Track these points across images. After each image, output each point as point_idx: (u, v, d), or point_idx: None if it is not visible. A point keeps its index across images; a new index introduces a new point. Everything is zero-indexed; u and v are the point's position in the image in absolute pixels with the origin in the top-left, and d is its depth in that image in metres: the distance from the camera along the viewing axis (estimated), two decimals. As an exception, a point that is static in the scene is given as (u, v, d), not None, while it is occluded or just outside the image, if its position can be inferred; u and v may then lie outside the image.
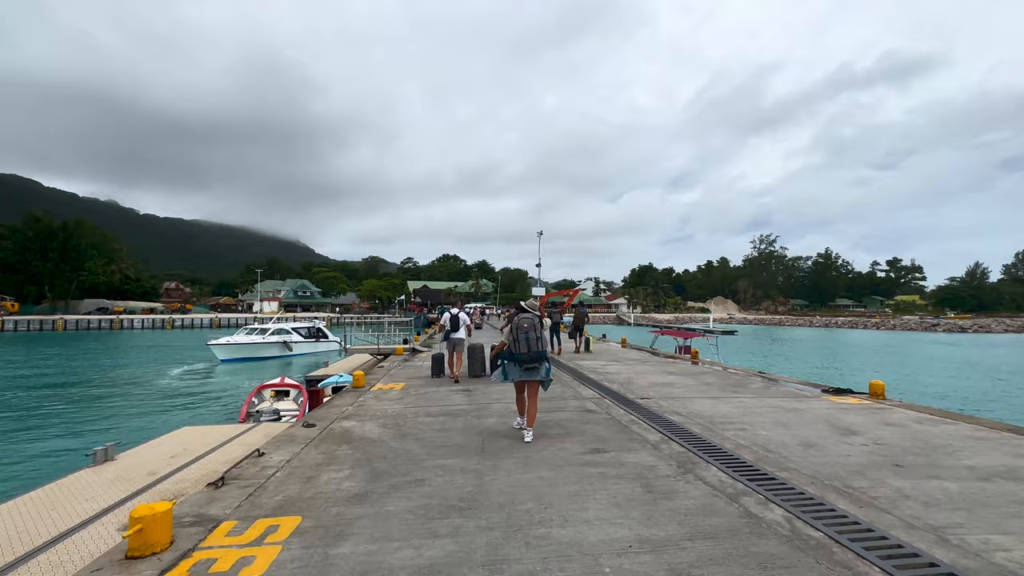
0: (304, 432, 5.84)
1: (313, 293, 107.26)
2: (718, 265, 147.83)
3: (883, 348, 41.59)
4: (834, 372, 24.02)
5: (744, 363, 25.31)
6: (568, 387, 8.94)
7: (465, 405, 7.31)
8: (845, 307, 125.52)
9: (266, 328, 29.80)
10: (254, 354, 27.71)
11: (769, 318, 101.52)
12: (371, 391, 8.65)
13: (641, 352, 16.65)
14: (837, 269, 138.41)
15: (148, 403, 15.44)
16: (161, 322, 64.53)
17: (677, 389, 8.71)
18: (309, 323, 33.22)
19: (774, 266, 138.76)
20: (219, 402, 15.80)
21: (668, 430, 5.68)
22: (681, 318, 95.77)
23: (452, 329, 10.55)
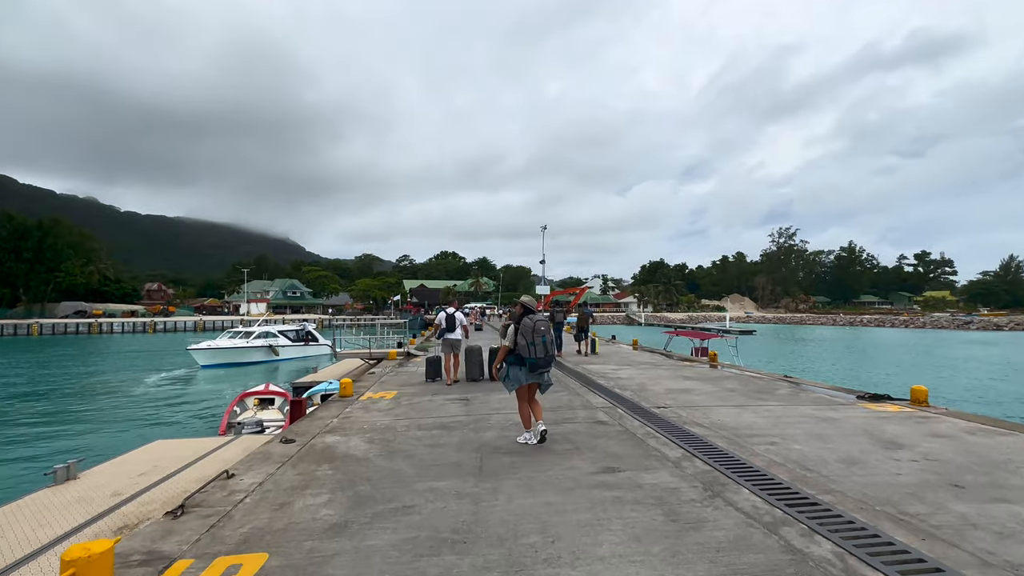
0: (281, 449, 5.54)
1: (303, 293, 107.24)
2: (734, 260, 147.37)
3: (914, 348, 41.14)
4: (864, 375, 23.62)
5: (764, 365, 24.98)
6: (576, 395, 8.63)
7: (462, 416, 7.00)
8: (870, 304, 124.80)
9: (251, 331, 29.60)
10: (237, 359, 27.51)
11: (789, 316, 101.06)
12: (359, 401, 8.35)
13: (654, 355, 16.34)
14: (861, 263, 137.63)
15: (120, 414, 15.22)
16: (143, 325, 64.54)
17: (696, 396, 8.38)
18: (297, 325, 33.03)
19: (794, 261, 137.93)
20: (198, 412, 15.58)
21: (690, 444, 5.36)
22: (695, 317, 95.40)
23: (448, 330, 10.52)
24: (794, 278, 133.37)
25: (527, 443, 5.45)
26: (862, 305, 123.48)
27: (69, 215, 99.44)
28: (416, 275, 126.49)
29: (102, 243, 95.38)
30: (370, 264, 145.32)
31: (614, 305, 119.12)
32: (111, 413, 15.28)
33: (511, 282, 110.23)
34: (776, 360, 30.84)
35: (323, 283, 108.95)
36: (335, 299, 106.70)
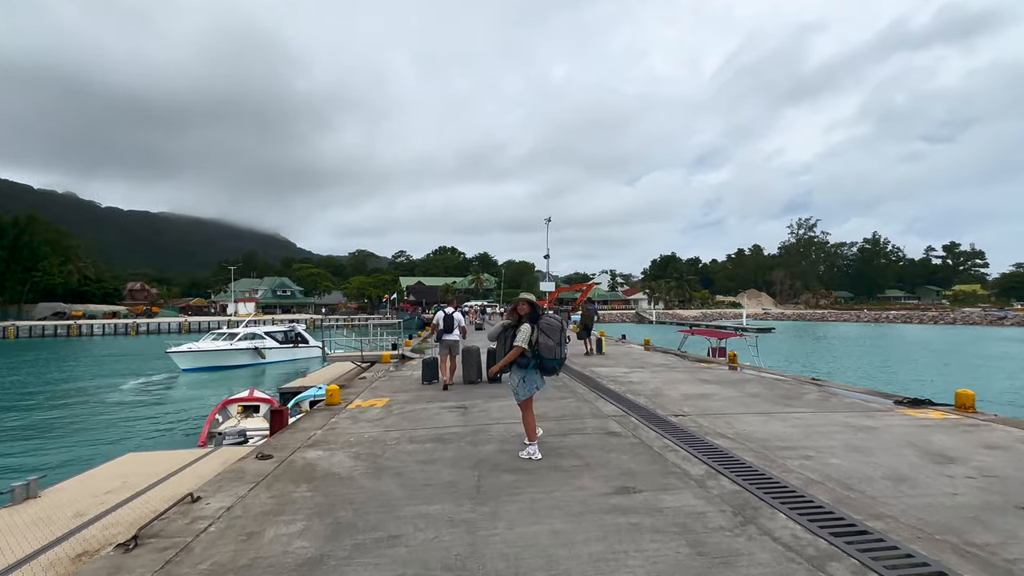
0: (256, 466, 5.25)
1: (294, 292, 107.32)
2: (750, 254, 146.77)
3: (945, 346, 40.67)
4: (896, 377, 23.20)
5: (786, 366, 24.64)
6: (584, 401, 8.32)
7: (458, 427, 6.70)
8: (896, 299, 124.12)
9: (235, 333, 29.38)
10: (220, 363, 27.29)
11: (810, 313, 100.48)
12: (347, 410, 8.07)
13: (668, 356, 16.04)
14: (886, 256, 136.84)
15: (92, 424, 14.99)
16: (124, 327, 64.56)
17: (717, 402, 8.06)
18: (285, 326, 32.80)
19: (814, 254, 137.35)
20: (177, 420, 15.35)
21: (714, 459, 5.04)
22: (709, 315, 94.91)
23: (445, 330, 10.54)
24: (814, 272, 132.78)
25: (531, 458, 5.15)
26: (887, 300, 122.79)
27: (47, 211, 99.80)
28: (413, 272, 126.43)
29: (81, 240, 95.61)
30: (364, 261, 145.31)
31: (623, 302, 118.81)
32: (82, 423, 15.05)
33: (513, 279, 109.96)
34: (798, 360, 30.46)
35: (315, 281, 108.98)
36: (328, 298, 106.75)
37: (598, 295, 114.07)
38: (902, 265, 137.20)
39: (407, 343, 20.93)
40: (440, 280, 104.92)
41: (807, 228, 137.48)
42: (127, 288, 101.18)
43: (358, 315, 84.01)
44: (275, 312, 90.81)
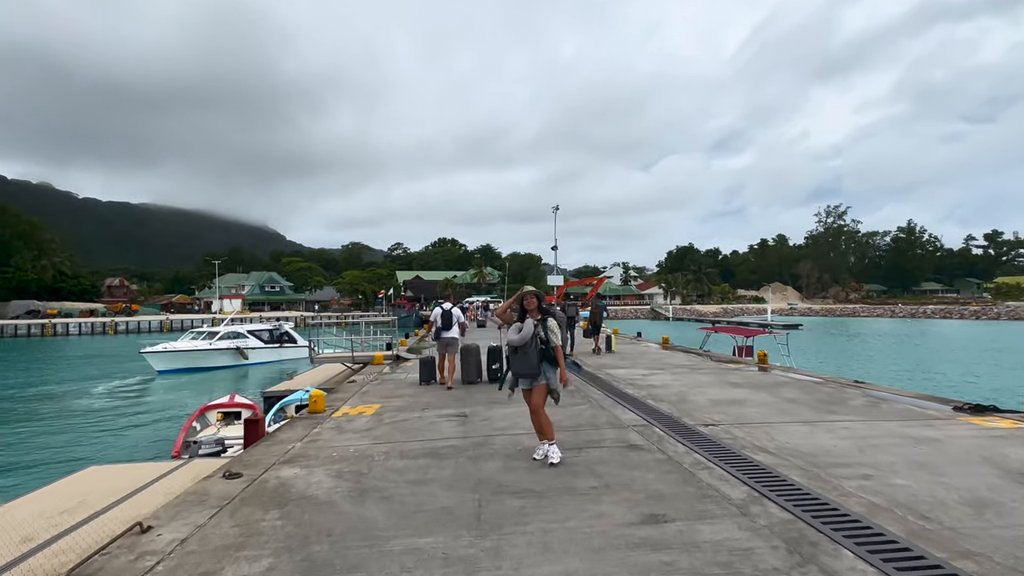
0: (221, 487, 4.86)
1: (283, 288, 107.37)
2: (774, 244, 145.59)
3: (992, 344, 39.97)
4: (944, 379, 22.60)
5: (817, 366, 24.16)
6: (600, 408, 7.90)
7: (457, 439, 6.30)
8: (933, 293, 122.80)
9: (216, 331, 29.15)
10: (199, 364, 27.08)
11: (840, 308, 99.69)
12: (332, 418, 7.70)
13: (690, 355, 15.62)
14: (922, 246, 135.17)
15: (56, 432, 14.72)
16: (102, 326, 64.68)
17: (751, 409, 7.62)
18: (270, 325, 32.56)
19: (844, 244, 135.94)
20: (150, 428, 15.08)
21: (755, 479, 4.61)
22: (730, 310, 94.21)
23: (443, 327, 10.64)
24: (844, 264, 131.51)
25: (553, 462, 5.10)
26: (923, 294, 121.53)
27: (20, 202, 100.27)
28: (411, 265, 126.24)
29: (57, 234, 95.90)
30: (359, 254, 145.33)
31: (637, 297, 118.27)
32: (45, 432, 14.76)
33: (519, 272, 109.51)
34: (830, 360, 29.94)
35: (305, 276, 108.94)
36: (319, 294, 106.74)
37: (610, 290, 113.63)
38: (940, 256, 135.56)
39: (403, 342, 20.60)
40: (440, 274, 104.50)
41: (836, 216, 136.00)
42: (105, 284, 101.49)
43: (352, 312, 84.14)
44: (263, 309, 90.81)
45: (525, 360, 5.19)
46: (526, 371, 5.23)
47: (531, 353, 5.17)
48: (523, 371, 5.25)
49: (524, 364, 5.22)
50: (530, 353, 5.16)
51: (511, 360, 5.35)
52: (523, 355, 5.20)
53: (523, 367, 5.22)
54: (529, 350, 5.16)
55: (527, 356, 5.18)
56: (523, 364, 5.22)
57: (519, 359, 5.24)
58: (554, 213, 44.26)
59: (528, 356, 5.18)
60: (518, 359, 5.25)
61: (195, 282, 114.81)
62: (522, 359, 5.20)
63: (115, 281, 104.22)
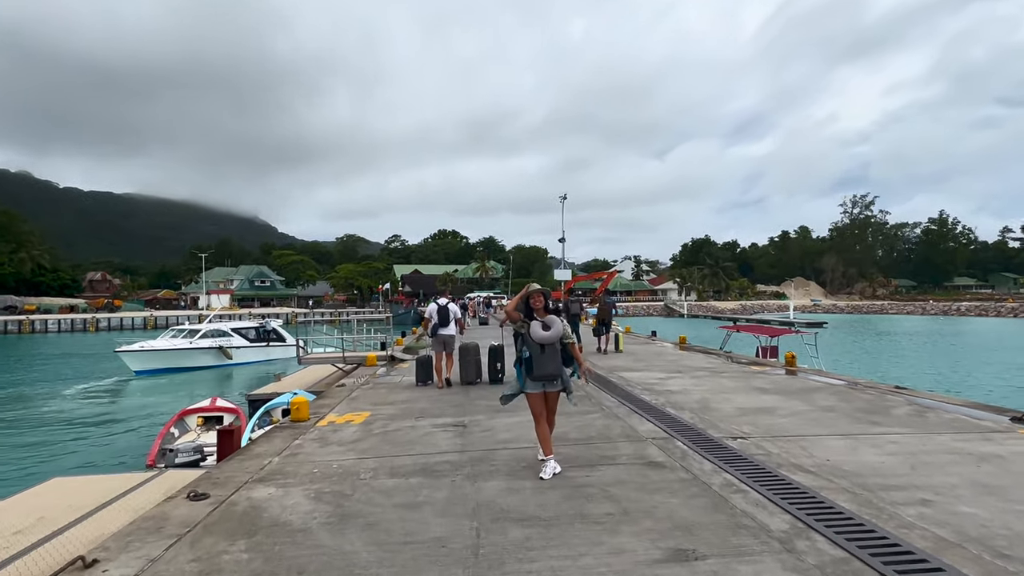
0: (184, 511, 4.51)
1: (274, 282, 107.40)
2: (797, 236, 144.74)
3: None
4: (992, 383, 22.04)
5: (847, 368, 23.72)
6: (613, 417, 7.52)
7: (454, 452, 5.94)
8: (966, 288, 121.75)
9: (197, 329, 28.95)
10: (179, 364, 26.91)
11: (867, 305, 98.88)
12: (316, 428, 7.37)
13: (710, 356, 15.25)
14: (955, 238, 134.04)
15: (20, 438, 14.46)
16: (82, 323, 64.75)
17: (783, 419, 7.24)
18: (256, 322, 32.33)
19: (871, 236, 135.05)
20: (123, 434, 14.84)
21: (797, 504, 4.22)
22: (749, 307, 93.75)
23: (440, 324, 10.70)
24: (871, 257, 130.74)
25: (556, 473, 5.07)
26: (956, 289, 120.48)
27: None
28: (409, 259, 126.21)
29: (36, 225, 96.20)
30: (354, 247, 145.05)
31: (649, 293, 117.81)
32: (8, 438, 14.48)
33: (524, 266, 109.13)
34: (860, 361, 29.45)
35: (297, 270, 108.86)
36: (312, 289, 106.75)
37: (620, 285, 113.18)
38: (973, 249, 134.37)
39: (399, 341, 20.30)
40: (439, 268, 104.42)
41: (863, 207, 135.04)
42: (87, 279, 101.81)
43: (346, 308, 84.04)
44: (253, 305, 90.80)
45: (553, 360, 5.11)
46: (552, 372, 5.14)
47: (556, 354, 5.13)
48: (549, 372, 5.14)
49: (551, 364, 5.12)
50: (554, 354, 5.12)
51: (534, 361, 5.12)
52: (552, 354, 5.11)
53: (549, 367, 5.12)
54: (552, 351, 5.11)
55: (556, 356, 5.12)
56: (549, 365, 5.12)
57: (545, 359, 5.11)
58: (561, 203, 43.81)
59: (556, 356, 5.14)
60: (544, 359, 5.10)
61: (181, 276, 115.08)
62: (549, 359, 5.10)
63: (97, 275, 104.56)
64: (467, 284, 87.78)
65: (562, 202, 44.03)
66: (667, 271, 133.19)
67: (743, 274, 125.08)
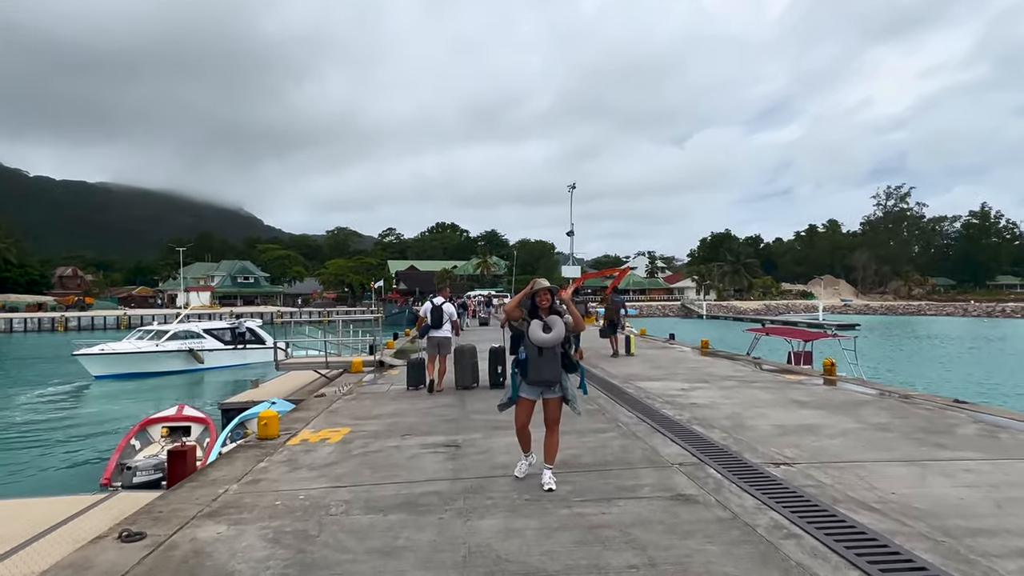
0: (113, 556, 3.98)
1: (258, 279, 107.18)
2: (825, 231, 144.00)
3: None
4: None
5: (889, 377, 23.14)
6: (631, 436, 6.98)
7: (444, 480, 5.41)
8: (1010, 288, 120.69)
9: (165, 330, 28.64)
10: (144, 368, 26.61)
11: (902, 305, 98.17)
12: (287, 447, 6.87)
13: (735, 363, 14.75)
14: (998, 233, 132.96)
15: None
16: (51, 322, 64.65)
17: (831, 440, 6.69)
18: (229, 322, 31.94)
19: (906, 231, 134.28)
20: (77, 446, 14.41)
21: (866, 555, 3.67)
22: (774, 307, 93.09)
23: (434, 325, 10.76)
24: (906, 254, 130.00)
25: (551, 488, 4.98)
26: (999, 289, 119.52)
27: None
28: (404, 254, 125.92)
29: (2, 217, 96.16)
30: (346, 241, 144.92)
31: (665, 291, 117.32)
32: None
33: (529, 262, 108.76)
34: (902, 368, 28.84)
35: (283, 265, 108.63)
36: (300, 286, 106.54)
37: (633, 283, 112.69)
38: (1018, 245, 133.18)
39: (389, 344, 19.85)
40: (437, 264, 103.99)
41: (898, 199, 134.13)
42: (56, 274, 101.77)
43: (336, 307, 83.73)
44: (235, 303, 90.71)
45: (552, 364, 5.05)
46: (550, 377, 5.09)
47: (555, 357, 5.06)
48: (546, 377, 5.09)
49: (549, 369, 5.06)
50: (554, 357, 5.05)
51: (530, 364, 5.07)
52: (551, 358, 5.04)
53: (547, 372, 5.07)
54: (552, 354, 5.04)
55: (555, 360, 5.05)
56: (548, 369, 5.06)
57: (542, 363, 5.06)
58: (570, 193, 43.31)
59: (555, 360, 5.06)
60: (541, 363, 5.06)
61: (158, 272, 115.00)
62: (548, 363, 5.05)
63: (68, 271, 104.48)
64: (467, 281, 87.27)
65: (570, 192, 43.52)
66: (684, 268, 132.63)
67: (767, 271, 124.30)
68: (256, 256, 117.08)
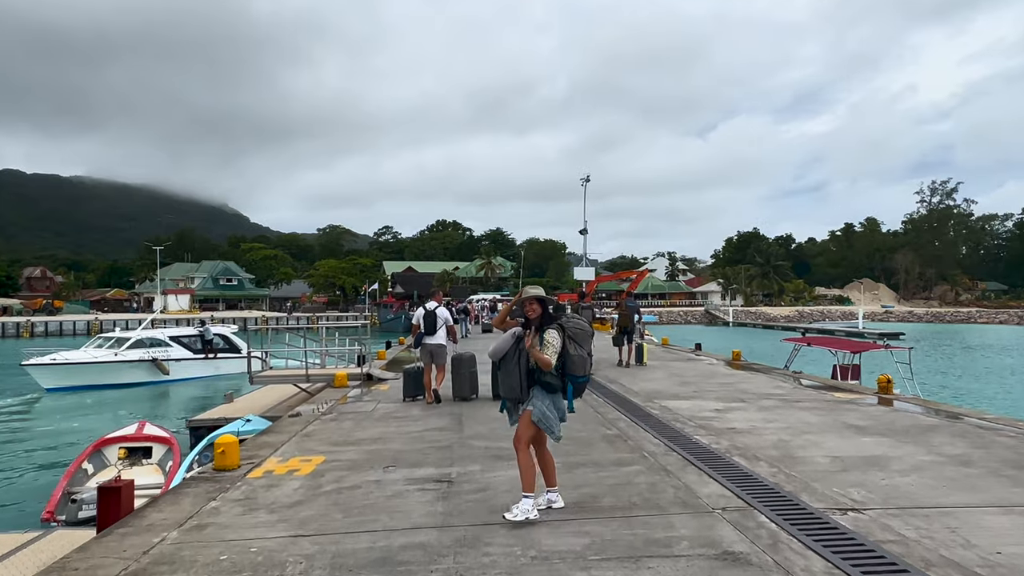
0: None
1: (242, 281, 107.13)
2: (863, 230, 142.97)
3: None
4: None
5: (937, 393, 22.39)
6: (662, 471, 6.32)
7: (432, 528, 4.77)
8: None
9: (126, 337, 28.34)
10: (102, 380, 26.27)
11: (949, 312, 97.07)
12: (247, 480, 6.30)
13: (773, 377, 14.17)
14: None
15: None
16: (15, 327, 64.54)
17: (904, 477, 6.03)
18: (195, 328, 31.50)
19: (953, 230, 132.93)
20: (20, 471, 13.87)
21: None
22: (807, 314, 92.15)
23: (427, 332, 10.89)
24: (953, 255, 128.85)
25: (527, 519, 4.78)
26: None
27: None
28: (402, 255, 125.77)
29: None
30: (338, 240, 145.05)
31: (687, 296, 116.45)
32: None
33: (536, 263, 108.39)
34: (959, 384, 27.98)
35: (270, 266, 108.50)
36: (288, 289, 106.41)
37: (652, 287, 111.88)
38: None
39: (380, 355, 19.33)
40: (437, 265, 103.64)
41: (943, 195, 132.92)
42: (23, 275, 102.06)
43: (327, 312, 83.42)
44: (217, 307, 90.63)
45: (507, 378, 5.08)
46: (508, 393, 5.13)
47: (513, 369, 5.02)
48: (506, 393, 5.17)
49: (506, 384, 5.12)
50: (511, 370, 5.02)
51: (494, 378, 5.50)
52: (505, 372, 5.10)
53: (504, 387, 5.15)
54: (511, 366, 5.03)
55: (514, 374, 5.02)
56: (505, 384, 5.14)
57: (502, 377, 5.20)
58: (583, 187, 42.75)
59: (510, 373, 5.04)
60: (501, 377, 5.23)
61: (135, 273, 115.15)
62: (504, 377, 5.13)
63: (36, 271, 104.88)
64: (469, 284, 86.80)
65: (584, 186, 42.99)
66: (708, 270, 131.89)
67: (799, 275, 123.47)
68: (240, 256, 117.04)
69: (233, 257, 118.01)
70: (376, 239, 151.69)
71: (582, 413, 9.82)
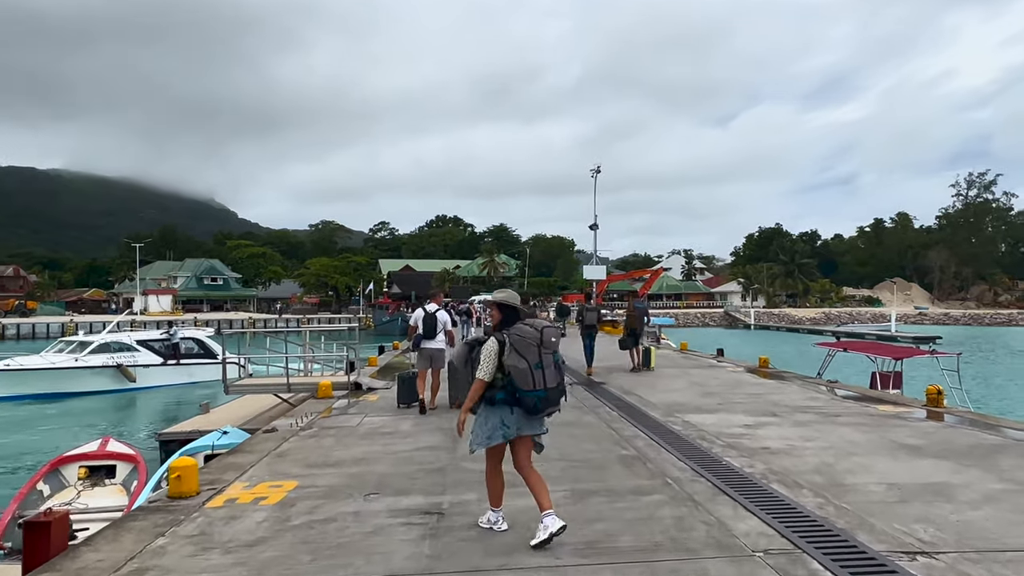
0: None
1: (228, 280, 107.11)
2: (894, 226, 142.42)
3: None
4: None
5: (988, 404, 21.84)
6: (689, 501, 5.78)
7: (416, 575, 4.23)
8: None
9: (88, 341, 28.08)
10: (61, 388, 26.00)
11: (988, 313, 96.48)
12: (204, 510, 5.79)
13: (806, 387, 13.69)
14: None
15: None
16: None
17: (974, 510, 5.49)
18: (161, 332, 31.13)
19: (991, 226, 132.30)
20: None
21: None
22: (835, 315, 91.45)
23: (426, 335, 10.93)
24: (992, 253, 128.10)
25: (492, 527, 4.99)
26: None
27: None
28: (399, 252, 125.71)
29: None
30: (331, 237, 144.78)
31: (705, 296, 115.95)
32: None
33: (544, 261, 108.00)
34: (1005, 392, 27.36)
35: (258, 264, 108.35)
36: (278, 289, 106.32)
37: (667, 286, 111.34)
38: None
39: (372, 361, 18.90)
40: (437, 263, 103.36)
41: (981, 188, 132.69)
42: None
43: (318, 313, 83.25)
44: (201, 308, 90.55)
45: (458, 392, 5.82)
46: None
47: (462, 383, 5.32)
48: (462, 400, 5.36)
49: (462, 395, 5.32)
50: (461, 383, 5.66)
51: None
52: (462, 379, 5.39)
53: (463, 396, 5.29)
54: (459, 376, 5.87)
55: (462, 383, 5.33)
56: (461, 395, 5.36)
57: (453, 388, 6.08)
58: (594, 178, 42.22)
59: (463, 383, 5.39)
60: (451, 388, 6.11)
61: (114, 272, 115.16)
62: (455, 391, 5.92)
63: (8, 270, 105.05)
64: (471, 284, 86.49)
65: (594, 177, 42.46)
66: (727, 269, 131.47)
67: (825, 274, 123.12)
68: (226, 254, 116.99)
69: (219, 255, 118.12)
70: (372, 236, 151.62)
71: (594, 429, 9.34)
